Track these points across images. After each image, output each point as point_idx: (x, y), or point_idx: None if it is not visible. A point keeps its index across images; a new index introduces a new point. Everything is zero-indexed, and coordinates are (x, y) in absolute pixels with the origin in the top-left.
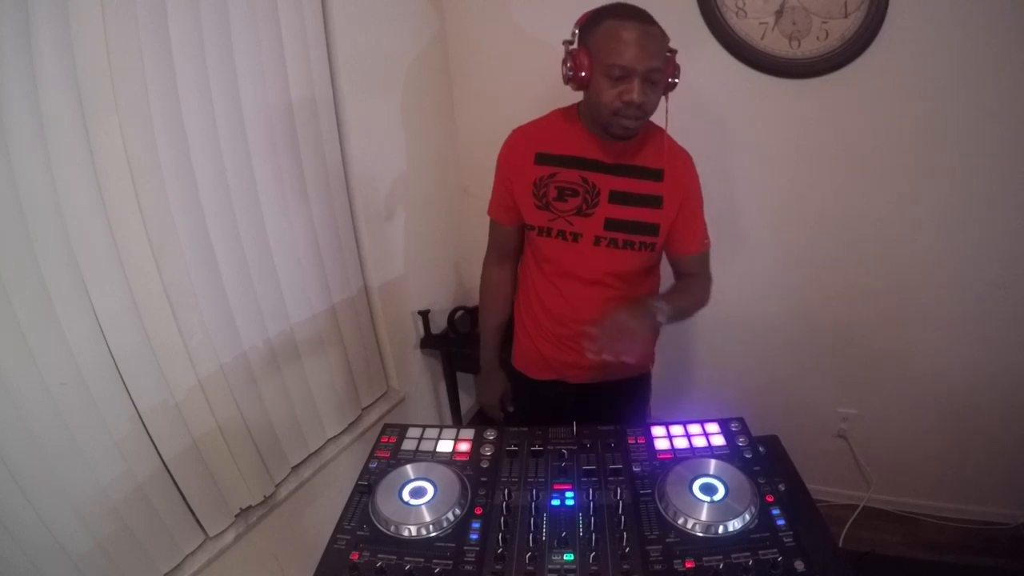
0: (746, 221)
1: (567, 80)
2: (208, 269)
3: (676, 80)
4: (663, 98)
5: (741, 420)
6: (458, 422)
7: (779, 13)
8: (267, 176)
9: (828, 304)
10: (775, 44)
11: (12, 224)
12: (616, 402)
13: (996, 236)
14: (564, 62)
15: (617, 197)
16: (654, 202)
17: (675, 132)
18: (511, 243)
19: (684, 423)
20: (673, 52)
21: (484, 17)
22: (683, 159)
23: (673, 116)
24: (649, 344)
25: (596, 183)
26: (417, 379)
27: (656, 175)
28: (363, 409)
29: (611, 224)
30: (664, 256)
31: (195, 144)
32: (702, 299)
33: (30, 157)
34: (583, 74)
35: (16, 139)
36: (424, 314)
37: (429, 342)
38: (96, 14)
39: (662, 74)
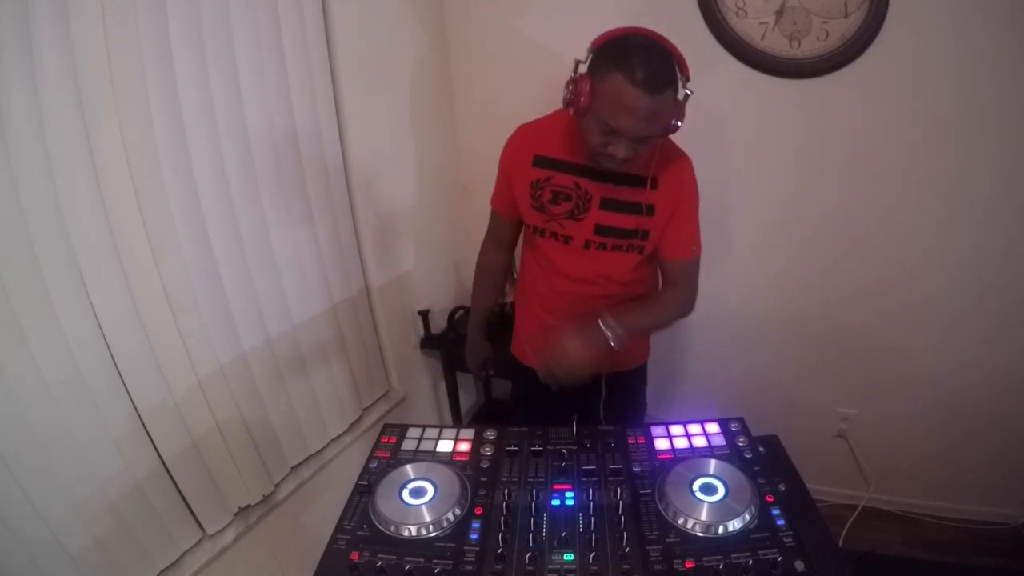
0: (746, 221)
1: (565, 104)
2: (208, 269)
3: (679, 123)
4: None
5: (741, 420)
6: (458, 422)
7: (779, 13)
8: (267, 176)
9: (828, 304)
10: (775, 44)
11: (12, 224)
12: (615, 392)
13: (996, 236)
14: (567, 84)
15: (608, 204)
16: (646, 210)
17: (673, 134)
18: (509, 234)
19: (684, 423)
20: (687, 95)
21: (484, 19)
22: (679, 165)
23: None
24: (642, 340)
25: (588, 190)
26: (417, 379)
27: (651, 183)
28: (364, 409)
29: (601, 230)
30: None
31: (195, 144)
32: (671, 314)
33: (30, 157)
34: (582, 101)
35: (16, 139)
36: (424, 314)
37: (429, 342)
38: (96, 14)
39: (659, 136)
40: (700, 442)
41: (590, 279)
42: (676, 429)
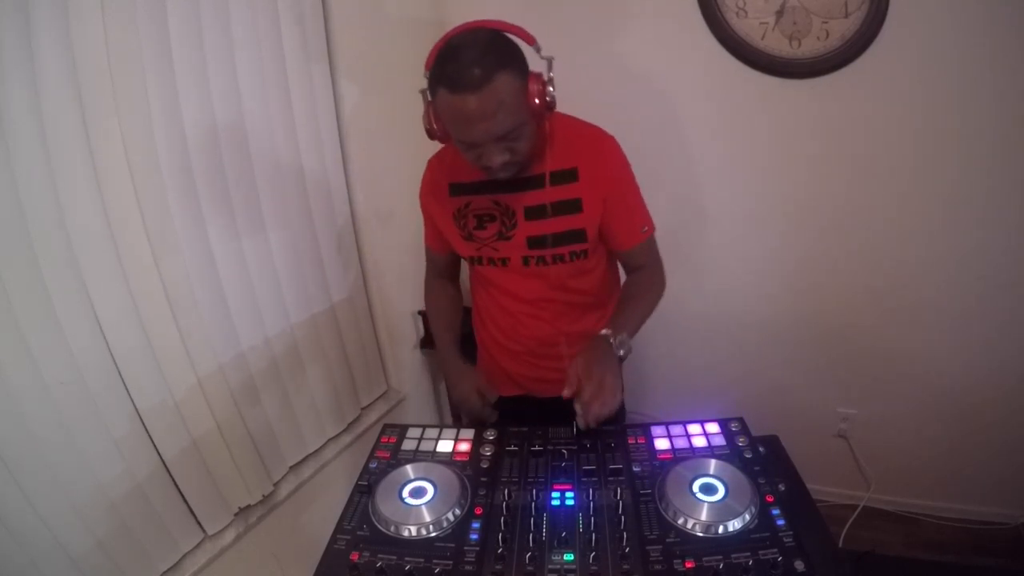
0: (746, 221)
1: (430, 137)
2: (207, 269)
3: (547, 100)
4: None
5: (741, 420)
6: (458, 422)
7: (779, 13)
8: (266, 176)
9: (828, 304)
10: (775, 44)
11: (12, 224)
12: None
13: (996, 236)
14: (423, 117)
15: (532, 212)
16: (572, 207)
17: (674, 133)
18: (450, 268)
19: (684, 423)
20: (548, 60)
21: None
22: (598, 148)
23: (673, 116)
24: None
25: (508, 203)
26: (417, 379)
27: (570, 176)
28: (363, 409)
29: (533, 242)
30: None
31: (194, 144)
32: (655, 296)
33: (30, 157)
34: (435, 129)
35: (16, 139)
36: (423, 314)
37: (429, 342)
38: (96, 14)
39: (525, 124)
40: (700, 442)
41: (544, 297)
42: (676, 429)
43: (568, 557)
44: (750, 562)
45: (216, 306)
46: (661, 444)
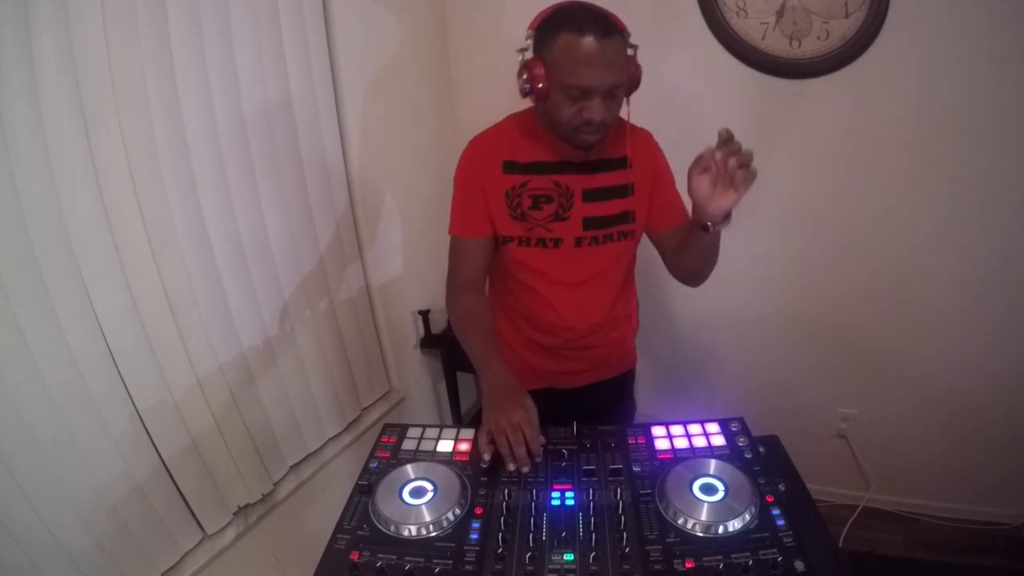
0: (746, 221)
1: (524, 94)
2: (207, 268)
3: (639, 78)
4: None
5: (741, 420)
6: (458, 422)
7: (780, 13)
8: (267, 176)
9: (828, 304)
10: (776, 44)
11: (12, 224)
12: (604, 400)
13: (996, 236)
14: (519, 74)
15: (591, 195)
16: (626, 191)
17: (675, 133)
18: (486, 258)
19: (684, 423)
20: (634, 49)
21: (485, 16)
22: (644, 140)
23: (672, 116)
24: (630, 342)
25: (569, 185)
26: (417, 379)
27: (622, 163)
28: (363, 409)
29: (589, 223)
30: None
31: (195, 144)
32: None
33: (30, 157)
34: (540, 86)
35: (16, 139)
36: (424, 314)
37: (429, 342)
38: (96, 14)
39: (623, 88)
40: (700, 442)
41: (586, 280)
42: (676, 429)
43: (568, 557)
44: (750, 562)
45: (216, 306)
46: (661, 444)
